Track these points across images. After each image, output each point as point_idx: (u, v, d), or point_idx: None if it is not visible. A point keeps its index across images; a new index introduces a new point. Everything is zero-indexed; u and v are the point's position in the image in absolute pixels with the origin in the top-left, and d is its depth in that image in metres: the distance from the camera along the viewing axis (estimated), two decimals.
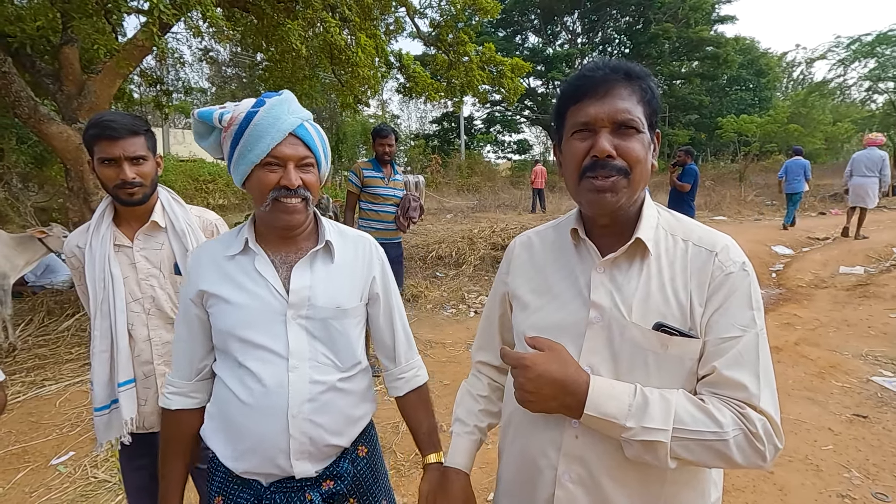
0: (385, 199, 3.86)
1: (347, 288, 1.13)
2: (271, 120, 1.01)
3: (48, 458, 2.83)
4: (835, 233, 9.31)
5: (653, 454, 0.76)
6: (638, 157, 0.82)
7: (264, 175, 1.03)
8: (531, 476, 0.92)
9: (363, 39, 5.70)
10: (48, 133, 4.48)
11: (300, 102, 1.11)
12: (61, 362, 4.13)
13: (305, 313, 1.07)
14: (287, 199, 1.03)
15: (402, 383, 1.24)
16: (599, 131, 0.82)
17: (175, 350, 1.18)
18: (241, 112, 1.04)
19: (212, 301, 1.09)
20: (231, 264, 1.09)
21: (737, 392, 0.78)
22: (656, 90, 0.86)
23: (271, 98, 1.05)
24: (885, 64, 18.94)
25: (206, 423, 1.14)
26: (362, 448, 1.19)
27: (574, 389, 0.79)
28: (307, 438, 1.04)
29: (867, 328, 4.68)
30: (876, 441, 2.83)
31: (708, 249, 0.85)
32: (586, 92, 0.84)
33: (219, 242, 1.15)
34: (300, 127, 1.04)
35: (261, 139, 1.01)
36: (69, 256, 1.55)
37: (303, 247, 1.13)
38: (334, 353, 1.10)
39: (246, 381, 1.05)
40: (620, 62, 0.85)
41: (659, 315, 0.82)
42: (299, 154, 1.04)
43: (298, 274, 1.08)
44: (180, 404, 1.15)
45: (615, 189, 0.82)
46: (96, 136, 1.41)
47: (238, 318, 1.06)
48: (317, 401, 1.06)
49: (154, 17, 3.70)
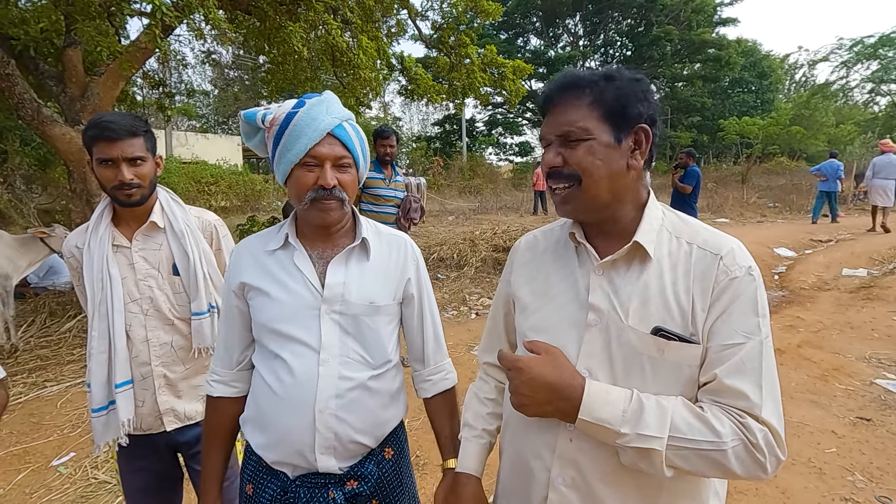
0: (386, 201, 3.86)
1: (381, 285, 1.15)
2: (309, 120, 1.03)
3: (49, 458, 2.83)
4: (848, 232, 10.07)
5: (647, 462, 0.75)
6: (582, 164, 0.83)
7: (302, 175, 1.05)
8: (525, 478, 0.91)
9: (365, 41, 5.71)
10: (51, 135, 4.49)
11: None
12: (63, 363, 4.13)
13: (339, 308, 1.09)
14: (323, 200, 1.06)
15: (430, 385, 1.24)
16: (548, 146, 0.87)
17: (218, 340, 1.23)
18: (282, 112, 1.07)
19: (252, 293, 1.13)
20: (271, 259, 1.13)
21: (738, 401, 0.76)
22: (616, 89, 0.83)
23: (311, 99, 1.08)
24: (887, 66, 18.94)
25: (245, 412, 1.17)
26: (389, 450, 1.18)
27: (569, 394, 0.78)
28: (332, 434, 1.06)
29: (871, 330, 4.65)
30: (880, 444, 2.81)
31: (713, 253, 0.83)
32: (544, 109, 0.90)
33: (260, 238, 1.19)
34: (338, 127, 1.06)
35: (299, 139, 1.03)
36: (68, 257, 1.55)
37: (340, 243, 1.15)
38: (365, 350, 1.12)
39: (278, 372, 1.08)
40: (569, 74, 0.87)
41: (658, 319, 0.81)
42: (336, 154, 1.06)
43: (334, 270, 1.11)
44: (222, 392, 1.19)
45: (567, 200, 0.86)
46: (95, 137, 1.41)
47: (275, 312, 1.09)
48: (344, 397, 1.07)
49: (157, 19, 3.71)
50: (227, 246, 1.73)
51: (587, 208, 0.86)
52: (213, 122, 29.07)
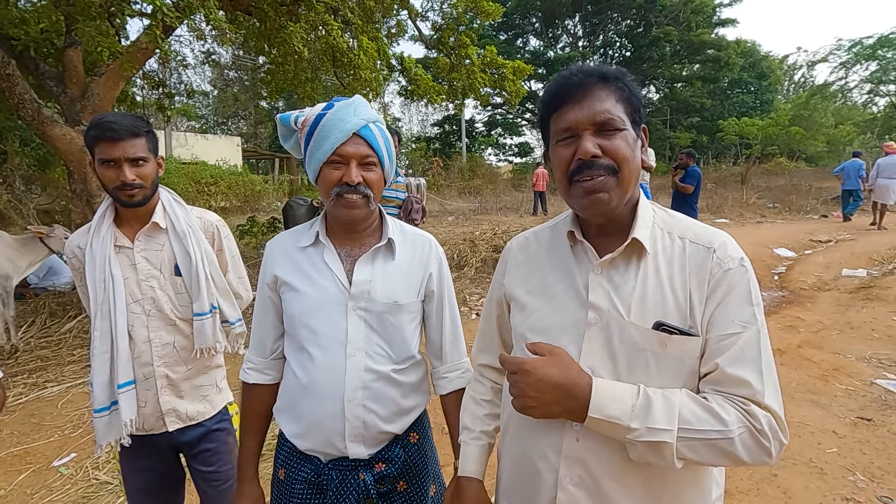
0: (387, 201, 3.86)
1: (404, 284, 1.19)
2: (336, 121, 1.09)
3: (50, 459, 2.83)
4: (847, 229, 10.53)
5: (658, 455, 0.76)
6: (624, 155, 0.83)
7: (329, 172, 1.11)
8: (531, 479, 0.91)
9: (365, 42, 5.71)
10: (51, 135, 4.49)
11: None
12: (63, 364, 4.13)
13: (364, 305, 1.14)
14: (349, 196, 1.10)
15: (446, 382, 1.28)
16: (582, 134, 0.83)
17: (253, 330, 1.28)
18: (312, 114, 1.13)
19: (284, 287, 1.19)
20: (302, 255, 1.19)
21: (740, 389, 0.77)
22: (635, 87, 0.86)
23: (340, 101, 1.13)
24: (886, 67, 18.97)
25: (277, 402, 1.23)
26: (414, 435, 1.24)
27: (577, 393, 0.78)
28: (361, 423, 1.12)
29: (871, 331, 4.65)
30: (881, 444, 2.81)
31: (705, 246, 0.84)
32: (565, 98, 0.85)
33: (292, 234, 1.24)
34: (364, 128, 1.11)
35: (327, 139, 1.09)
36: (70, 257, 1.55)
37: (367, 242, 1.20)
38: (389, 346, 1.17)
39: (306, 364, 1.14)
40: (595, 66, 0.87)
41: (658, 314, 0.82)
42: (361, 153, 1.11)
43: (361, 268, 1.16)
44: (256, 379, 1.25)
45: (605, 188, 0.82)
46: (97, 138, 1.41)
47: (304, 306, 1.15)
48: (370, 388, 1.13)
49: (157, 19, 3.72)
50: (228, 246, 1.73)
51: (619, 200, 0.85)
52: (212, 122, 29.10)
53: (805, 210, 14.59)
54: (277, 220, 9.18)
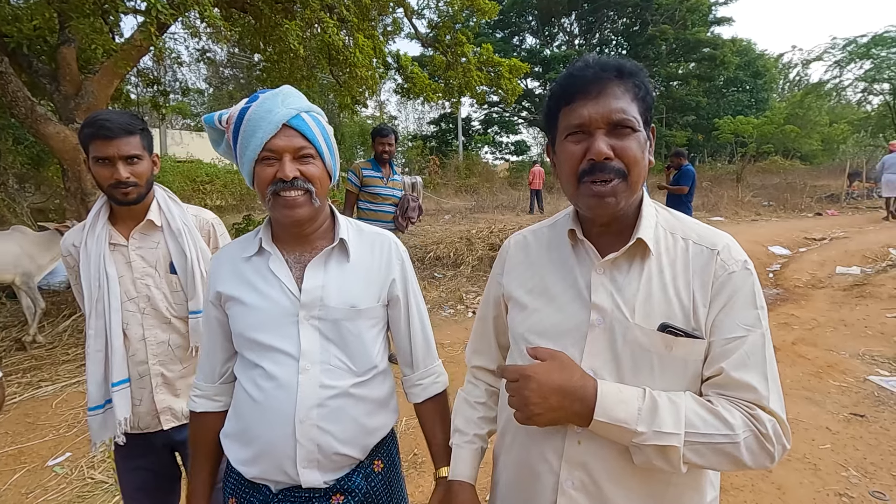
0: (384, 199, 3.86)
1: (362, 288, 1.09)
2: (263, 113, 0.98)
3: (45, 459, 2.81)
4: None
5: (664, 459, 0.75)
6: (635, 158, 0.80)
7: (262, 171, 1.00)
8: (530, 483, 0.90)
9: (361, 40, 5.69)
10: (45, 133, 4.47)
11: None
12: (58, 363, 4.11)
13: (317, 314, 1.04)
14: (286, 193, 0.99)
15: (420, 390, 1.19)
16: (595, 133, 0.80)
17: (200, 354, 1.19)
18: (236, 109, 1.02)
19: (229, 303, 1.08)
20: (247, 266, 1.08)
21: (746, 393, 0.77)
22: (649, 85, 0.84)
23: (265, 93, 1.02)
24: (880, 65, 19.04)
25: (225, 426, 1.13)
26: (378, 462, 1.13)
27: (582, 395, 0.77)
28: (315, 446, 1.01)
29: (864, 328, 4.69)
30: (873, 440, 2.84)
31: (709, 248, 0.83)
32: (578, 92, 0.81)
33: (237, 244, 1.14)
34: (295, 118, 1.00)
35: (254, 133, 0.98)
36: (65, 255, 1.54)
37: (318, 245, 1.09)
38: (348, 356, 1.06)
39: (258, 380, 1.04)
40: (611, 59, 0.82)
41: (661, 315, 0.81)
42: (295, 145, 0.99)
43: (311, 273, 1.05)
44: (205, 407, 1.16)
45: (615, 193, 0.80)
46: (91, 136, 1.40)
47: (252, 320, 1.05)
48: (326, 406, 1.02)
49: (152, 17, 3.69)
50: (224, 244, 1.73)
51: (626, 203, 0.83)
52: None
53: (800, 208, 14.67)
54: None
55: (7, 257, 4.36)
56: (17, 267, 4.41)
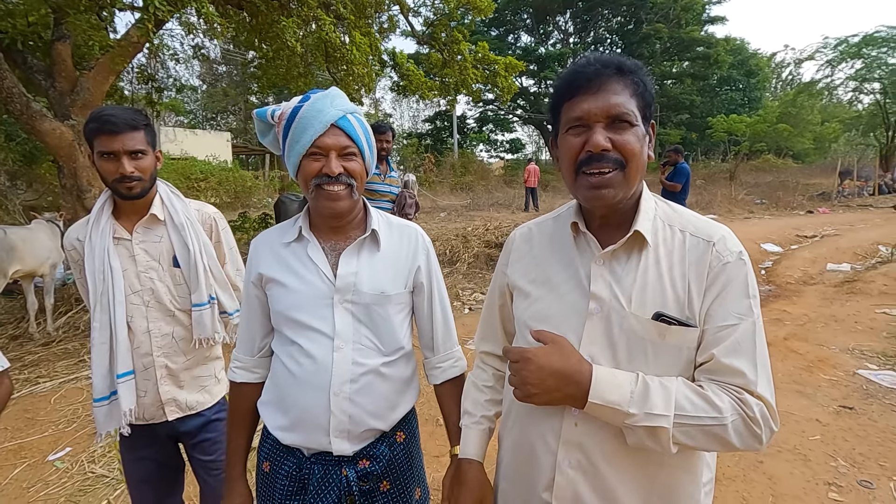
0: (381, 196, 3.87)
1: (391, 275, 1.18)
2: (314, 113, 1.07)
3: (45, 454, 2.82)
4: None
5: (655, 440, 0.78)
6: (633, 150, 0.83)
7: (308, 164, 1.09)
8: (530, 462, 0.94)
9: (358, 37, 5.71)
10: (41, 130, 4.45)
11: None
12: (56, 360, 4.11)
13: (351, 298, 1.13)
14: (329, 187, 1.09)
15: (439, 372, 1.28)
16: (594, 126, 0.83)
17: (240, 328, 1.27)
18: (289, 107, 1.11)
19: (269, 284, 1.17)
20: (287, 251, 1.17)
21: (735, 378, 0.80)
22: (649, 83, 0.87)
23: (316, 94, 1.12)
24: (871, 65, 19.24)
25: (262, 396, 1.22)
26: (400, 434, 1.23)
27: (577, 378, 0.80)
28: (346, 416, 1.10)
29: (854, 323, 4.77)
30: (862, 431, 2.90)
31: (705, 240, 0.86)
32: (579, 87, 0.85)
33: (277, 230, 1.23)
34: (342, 119, 1.09)
35: (305, 131, 1.07)
36: (69, 249, 1.56)
37: (352, 235, 1.19)
38: (377, 337, 1.16)
39: (295, 355, 1.13)
40: (612, 56, 0.86)
41: (657, 305, 0.84)
42: (341, 144, 1.09)
43: (346, 260, 1.15)
44: (244, 378, 1.24)
45: (611, 184, 0.83)
46: (96, 131, 1.42)
47: (291, 301, 1.14)
48: (358, 382, 1.11)
49: (149, 13, 3.69)
50: (226, 238, 1.75)
51: (623, 195, 0.86)
52: (201, 117, 28.77)
53: (792, 206, 14.81)
54: (269, 216, 9.14)
55: (43, 250, 4.48)
56: (48, 259, 4.55)
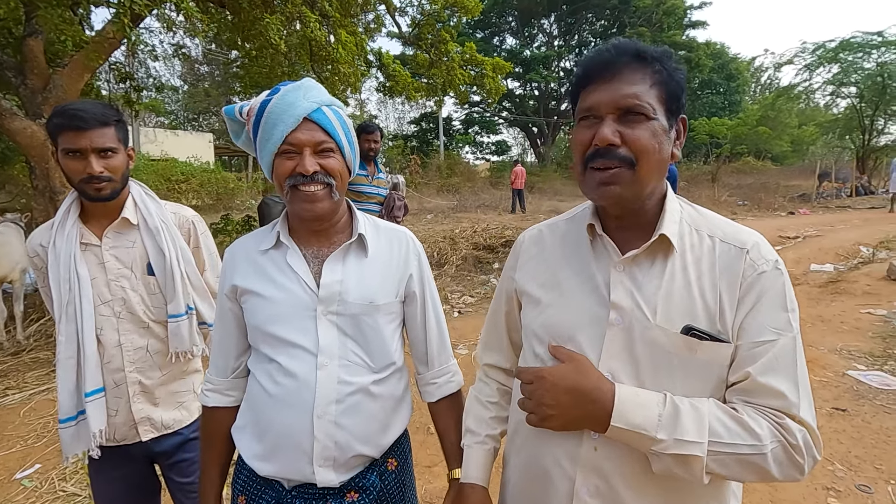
0: (369, 198, 3.78)
1: (380, 283, 1.08)
2: (284, 106, 0.97)
3: (12, 471, 2.66)
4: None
5: (686, 469, 0.70)
6: (644, 146, 0.75)
7: (281, 164, 0.98)
8: (543, 487, 0.86)
9: (344, 36, 5.60)
10: (11, 129, 4.26)
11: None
12: (26, 370, 3.92)
13: (336, 309, 1.02)
14: (305, 187, 0.98)
15: (434, 388, 1.17)
16: (604, 118, 0.76)
17: (213, 347, 1.16)
18: (257, 102, 1.01)
19: (245, 296, 1.06)
20: (264, 259, 1.06)
21: (774, 400, 0.72)
22: (676, 72, 0.79)
23: (287, 86, 1.01)
24: (847, 69, 19.70)
25: (237, 420, 1.10)
26: (392, 461, 1.12)
27: (597, 397, 0.73)
28: (332, 443, 0.99)
29: (840, 323, 4.81)
30: (856, 433, 2.89)
31: (738, 247, 0.79)
32: (593, 75, 0.78)
33: (254, 237, 1.12)
34: (316, 111, 0.98)
35: (275, 127, 0.97)
36: (32, 256, 1.44)
37: (336, 240, 1.08)
38: (367, 353, 1.05)
39: (274, 374, 1.01)
40: (633, 42, 0.78)
41: (685, 316, 0.76)
42: (315, 139, 0.98)
43: (330, 268, 1.04)
44: (216, 402, 1.13)
45: (617, 181, 0.76)
46: (61, 126, 1.31)
47: (269, 313, 1.03)
48: (344, 402, 1.00)
49: (125, 7, 3.55)
50: (205, 243, 1.64)
51: (633, 195, 0.78)
52: (182, 118, 28.26)
53: (773, 207, 15.07)
54: (252, 219, 8.95)
55: (13, 255, 4.24)
56: (18, 264, 4.33)
